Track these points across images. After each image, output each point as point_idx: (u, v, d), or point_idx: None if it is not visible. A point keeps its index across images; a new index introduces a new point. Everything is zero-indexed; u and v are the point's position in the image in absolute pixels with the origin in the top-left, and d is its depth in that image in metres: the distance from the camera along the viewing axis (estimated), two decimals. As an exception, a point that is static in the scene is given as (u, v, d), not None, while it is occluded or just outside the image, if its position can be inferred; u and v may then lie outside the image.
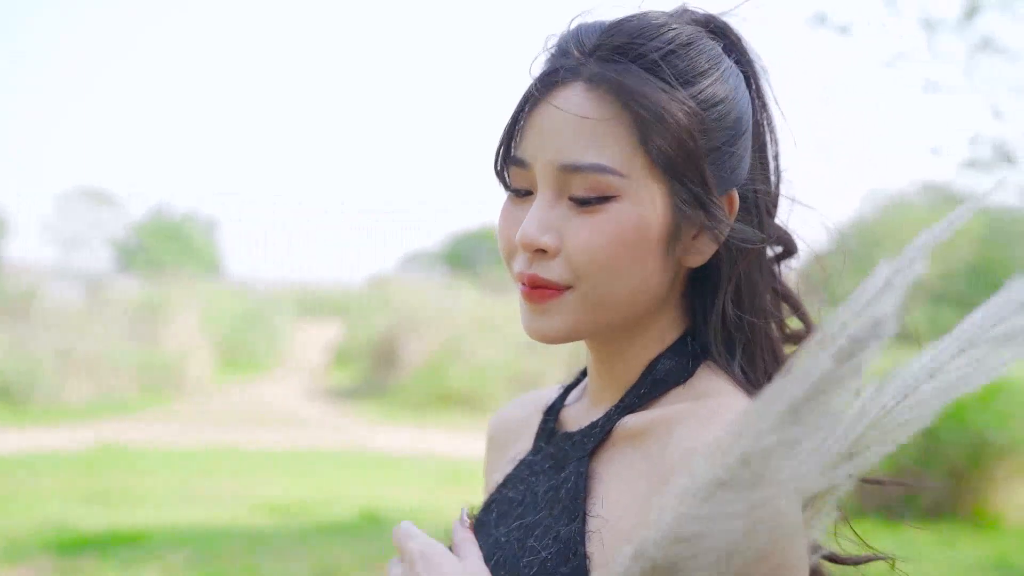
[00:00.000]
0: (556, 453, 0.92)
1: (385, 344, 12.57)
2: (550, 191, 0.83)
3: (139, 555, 5.07)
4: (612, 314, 0.85)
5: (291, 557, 5.08)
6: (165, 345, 12.42)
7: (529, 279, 0.84)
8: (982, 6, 4.59)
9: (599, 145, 0.81)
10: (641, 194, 0.82)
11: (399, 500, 6.54)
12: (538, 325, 0.86)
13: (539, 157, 0.84)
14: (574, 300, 0.84)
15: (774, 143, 0.91)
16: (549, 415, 0.97)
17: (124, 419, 10.07)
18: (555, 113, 0.82)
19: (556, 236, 0.83)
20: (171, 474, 7.32)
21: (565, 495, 0.86)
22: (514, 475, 0.96)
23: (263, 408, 11.17)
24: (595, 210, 0.82)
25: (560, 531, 0.84)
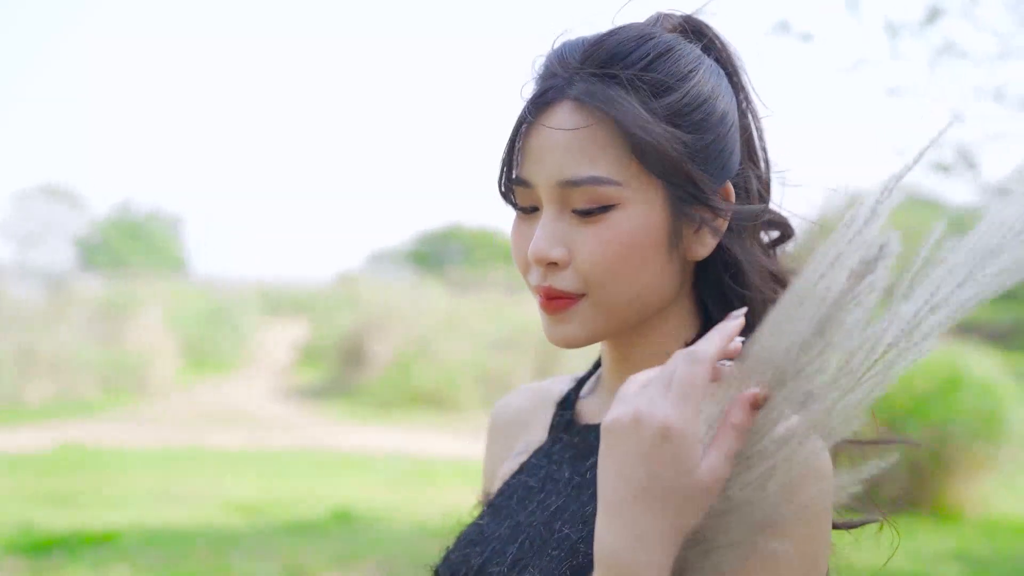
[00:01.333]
0: (579, 443, 0.96)
1: (352, 343, 12.53)
2: (554, 207, 0.88)
3: (109, 555, 5.03)
4: (626, 315, 0.90)
5: (261, 556, 5.07)
6: (129, 345, 12.28)
7: (545, 291, 0.89)
8: (943, 11, 4.69)
9: (592, 159, 0.85)
10: (639, 199, 0.86)
11: (369, 499, 6.53)
12: (558, 333, 0.91)
13: (539, 176, 0.88)
14: (588, 307, 0.89)
15: (760, 133, 0.96)
16: (564, 407, 1.01)
17: (87, 420, 9.95)
18: (548, 133, 0.87)
19: (565, 248, 0.88)
20: (137, 475, 7.25)
21: (591, 481, 0.91)
22: (531, 463, 1.00)
23: (229, 408, 11.09)
24: (597, 220, 0.86)
25: (590, 516, 0.88)
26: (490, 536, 0.96)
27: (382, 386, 11.51)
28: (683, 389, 0.70)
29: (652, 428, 0.69)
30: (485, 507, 1.01)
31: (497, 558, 0.92)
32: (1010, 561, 5.28)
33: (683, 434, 0.69)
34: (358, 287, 16.05)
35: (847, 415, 0.70)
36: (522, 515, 0.95)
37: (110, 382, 11.64)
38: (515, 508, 0.96)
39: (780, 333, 0.71)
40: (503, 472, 1.05)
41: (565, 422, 1.00)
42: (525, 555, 0.90)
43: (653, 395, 0.71)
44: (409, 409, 10.96)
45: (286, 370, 14.48)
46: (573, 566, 0.85)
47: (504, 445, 1.08)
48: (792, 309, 0.71)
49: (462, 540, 0.98)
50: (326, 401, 11.80)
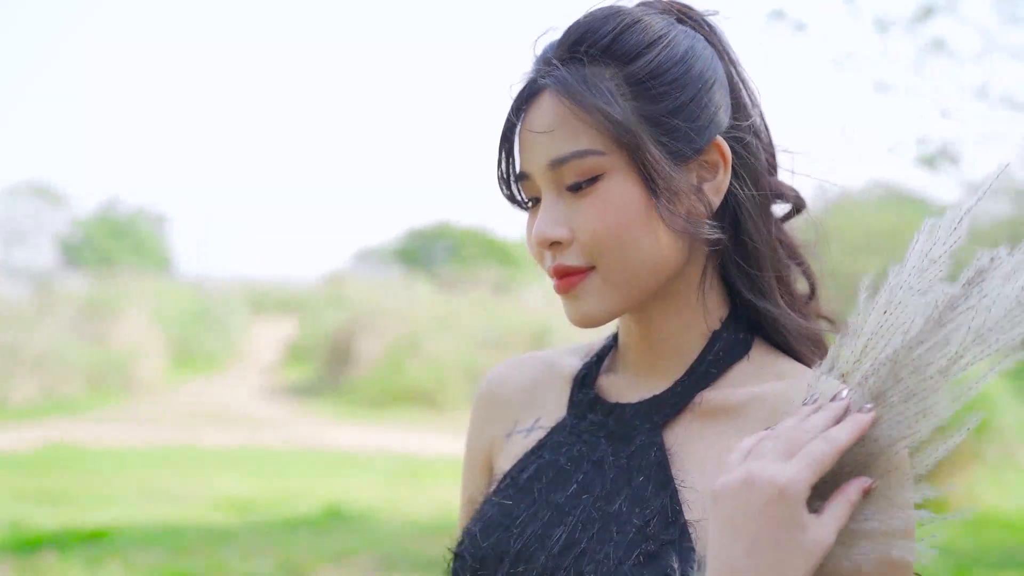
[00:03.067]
0: (614, 423, 0.95)
1: (340, 341, 12.51)
2: (550, 190, 0.91)
3: (100, 553, 5.02)
4: (640, 285, 0.91)
5: (256, 553, 5.07)
6: (115, 344, 12.21)
7: (555, 270, 0.91)
8: (935, 9, 4.74)
9: (574, 135, 0.89)
10: (624, 166, 0.89)
11: (359, 496, 6.54)
12: (577, 311, 0.92)
13: (533, 165, 0.92)
14: (600, 280, 0.90)
15: (752, 97, 0.97)
16: (584, 385, 1.00)
17: (72, 419, 9.89)
18: (534, 120, 0.91)
19: (566, 227, 0.90)
20: (125, 473, 7.22)
21: (647, 465, 0.90)
22: (554, 441, 0.97)
23: (217, 407, 11.05)
24: (588, 192, 0.89)
25: (649, 499, 0.88)
26: (523, 518, 0.93)
27: (371, 384, 11.50)
28: (809, 461, 0.73)
29: (768, 491, 0.72)
30: (502, 486, 0.98)
31: (540, 542, 0.90)
32: (995, 554, 5.33)
33: (798, 496, 0.72)
34: (346, 285, 16.02)
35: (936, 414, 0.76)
36: (560, 496, 0.93)
37: (96, 381, 11.58)
38: (548, 489, 0.94)
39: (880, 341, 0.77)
40: (513, 449, 1.01)
41: (589, 400, 0.98)
42: (578, 539, 0.89)
43: (769, 457, 0.74)
44: (398, 407, 10.95)
45: (274, 369, 14.45)
46: (647, 552, 0.85)
47: (505, 419, 1.04)
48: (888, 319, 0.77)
49: (487, 522, 0.95)
50: (315, 399, 11.78)
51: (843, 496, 0.75)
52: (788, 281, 0.96)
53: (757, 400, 0.90)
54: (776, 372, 0.92)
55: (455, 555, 0.97)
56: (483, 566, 0.93)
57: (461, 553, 0.96)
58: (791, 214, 0.99)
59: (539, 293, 14.35)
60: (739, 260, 0.93)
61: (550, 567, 0.89)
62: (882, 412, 0.76)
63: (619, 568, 0.85)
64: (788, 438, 0.75)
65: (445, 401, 10.96)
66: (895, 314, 0.77)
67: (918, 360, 0.76)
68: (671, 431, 0.92)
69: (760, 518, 0.72)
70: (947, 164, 5.24)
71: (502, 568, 0.92)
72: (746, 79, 0.97)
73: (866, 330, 0.78)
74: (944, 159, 5.04)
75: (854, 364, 0.78)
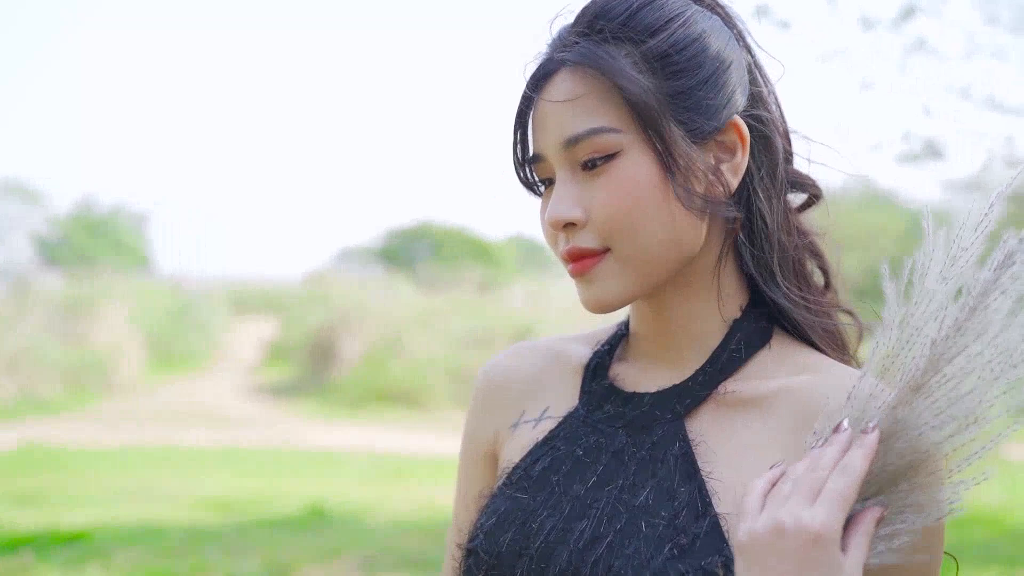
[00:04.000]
0: (632, 412, 0.92)
1: (322, 340, 12.46)
2: (564, 170, 0.89)
3: (80, 554, 4.96)
4: (657, 267, 0.89)
5: (239, 553, 5.03)
6: (93, 343, 12.10)
7: (569, 252, 0.89)
8: (917, 8, 4.77)
9: (590, 113, 0.87)
10: (642, 144, 0.87)
11: (342, 496, 6.50)
12: (592, 295, 0.90)
13: (548, 146, 0.90)
14: (615, 262, 0.88)
15: (768, 85, 0.96)
16: (598, 373, 0.97)
17: (49, 419, 9.80)
18: (549, 105, 0.89)
19: (581, 208, 0.88)
20: (104, 473, 7.16)
21: (671, 455, 0.88)
22: (567, 432, 0.94)
23: (198, 406, 10.98)
24: (603, 170, 0.87)
25: (677, 490, 0.86)
26: (541, 512, 0.90)
27: (353, 384, 11.47)
28: (836, 500, 0.73)
29: (803, 537, 0.72)
30: (514, 479, 0.94)
31: (562, 537, 0.87)
32: (973, 548, 5.37)
33: (834, 540, 0.72)
34: (328, 285, 15.96)
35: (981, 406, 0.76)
36: (580, 488, 0.90)
37: (74, 381, 11.47)
38: (566, 481, 0.91)
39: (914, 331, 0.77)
40: (521, 440, 0.97)
41: (604, 388, 0.95)
42: (604, 533, 0.86)
43: (793, 501, 0.73)
44: (380, 406, 10.92)
45: (255, 368, 14.37)
46: (679, 545, 0.83)
47: (510, 409, 1.01)
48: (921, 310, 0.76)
49: (501, 517, 0.91)
50: (296, 399, 11.72)
51: (861, 529, 0.75)
52: (804, 270, 0.95)
53: (787, 392, 0.88)
54: (801, 364, 0.91)
55: (468, 551, 0.93)
56: (500, 562, 0.89)
57: (475, 549, 0.92)
58: (808, 204, 0.97)
59: (521, 293, 14.36)
60: (753, 245, 0.91)
61: (574, 562, 0.85)
62: (925, 406, 0.75)
63: (651, 563, 0.82)
64: (807, 479, 0.74)
65: (427, 400, 10.94)
66: (927, 304, 0.76)
67: (957, 349, 0.75)
68: (693, 421, 0.90)
69: (799, 566, 0.72)
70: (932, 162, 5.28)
71: (521, 564, 0.88)
72: (761, 67, 0.96)
73: (899, 323, 0.77)
74: (929, 157, 5.07)
75: (890, 359, 0.78)
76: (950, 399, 0.75)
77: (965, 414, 0.75)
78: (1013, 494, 6.71)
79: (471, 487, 1.03)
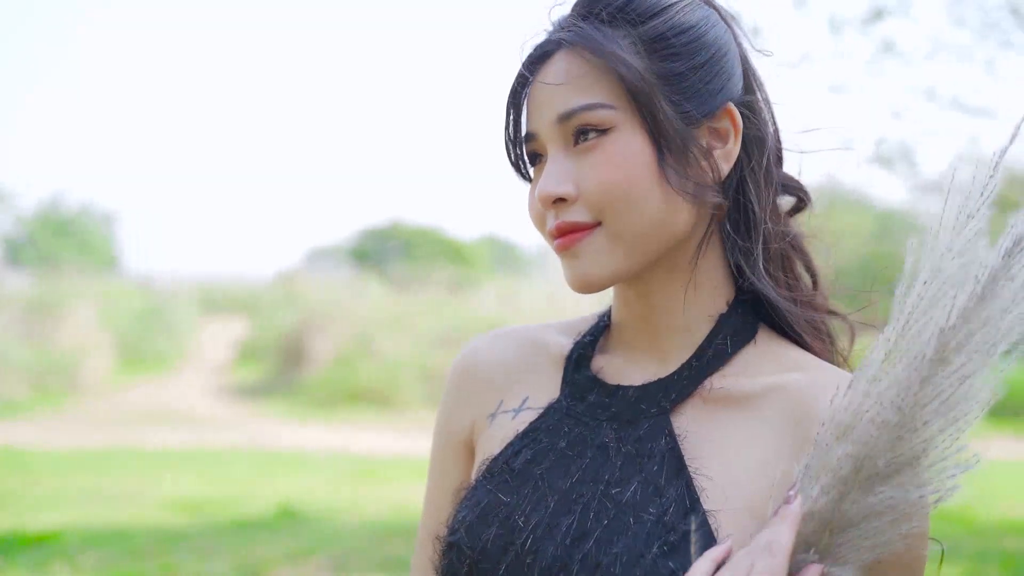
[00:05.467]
0: (617, 405, 0.91)
1: (293, 341, 12.38)
2: (556, 146, 0.89)
3: (47, 556, 4.89)
4: (646, 245, 0.88)
5: (210, 554, 4.98)
6: (59, 344, 11.94)
7: (558, 227, 0.88)
8: (886, 11, 4.82)
9: (585, 89, 0.88)
10: (635, 123, 0.87)
11: (312, 497, 6.46)
12: (577, 271, 0.88)
13: (541, 123, 0.90)
14: (605, 237, 0.87)
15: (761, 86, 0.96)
16: (580, 364, 0.95)
17: (15, 421, 9.66)
18: (546, 79, 0.89)
19: (572, 184, 0.88)
20: (71, 475, 7.06)
21: (657, 451, 0.87)
22: (549, 424, 0.93)
23: (166, 407, 10.86)
24: (596, 145, 0.87)
25: (664, 487, 0.85)
26: (525, 507, 0.88)
27: (323, 384, 11.40)
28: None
29: None
30: (495, 471, 0.91)
31: (548, 532, 0.85)
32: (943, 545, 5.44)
33: None
34: (298, 285, 15.85)
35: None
36: (565, 483, 0.88)
37: (40, 382, 11.31)
38: (549, 475, 0.89)
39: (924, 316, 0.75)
40: (500, 431, 0.95)
41: (587, 380, 0.94)
42: (590, 529, 0.84)
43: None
44: (351, 407, 10.87)
45: (225, 369, 14.25)
46: (669, 543, 0.82)
47: (487, 397, 0.98)
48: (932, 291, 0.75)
49: (484, 511, 0.89)
50: (266, 400, 11.64)
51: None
52: (792, 265, 0.94)
53: (776, 391, 0.87)
54: (789, 361, 0.90)
55: (449, 545, 0.91)
56: (484, 558, 0.87)
57: (457, 543, 0.90)
58: (797, 208, 0.97)
59: (493, 293, 14.35)
60: (739, 235, 0.91)
61: (562, 558, 0.84)
62: (930, 396, 0.75)
63: (641, 560, 0.81)
64: (741, 564, 0.75)
65: (398, 401, 10.90)
66: (936, 285, 0.75)
67: (964, 340, 0.74)
68: (679, 416, 0.89)
69: None
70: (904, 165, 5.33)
71: (506, 559, 0.86)
72: (754, 68, 0.96)
73: (908, 305, 0.76)
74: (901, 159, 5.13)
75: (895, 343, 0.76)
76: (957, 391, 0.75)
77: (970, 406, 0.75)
78: (979, 492, 6.81)
79: (445, 478, 1.01)
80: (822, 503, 0.77)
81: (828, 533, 0.77)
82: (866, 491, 0.76)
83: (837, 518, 0.77)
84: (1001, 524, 6.04)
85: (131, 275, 21.83)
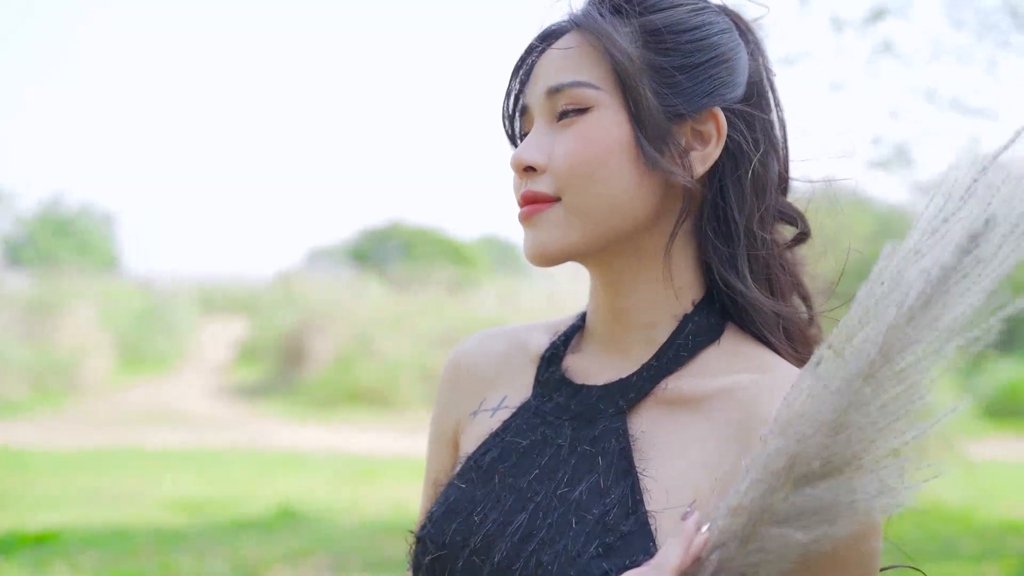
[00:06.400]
0: (578, 405, 0.92)
1: (292, 341, 12.38)
2: (542, 119, 0.92)
3: (47, 555, 4.90)
4: (602, 224, 0.89)
5: (208, 554, 4.99)
6: (59, 344, 11.94)
7: (523, 195, 0.91)
8: (888, 10, 4.82)
9: (577, 68, 0.91)
10: (616, 105, 0.89)
11: (312, 497, 6.47)
12: (534, 241, 0.91)
13: (534, 95, 0.93)
14: (562, 212, 0.90)
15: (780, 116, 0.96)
16: (552, 363, 0.97)
17: (14, 421, 9.66)
18: (545, 56, 0.93)
19: (544, 155, 0.91)
20: (70, 475, 7.06)
21: (609, 451, 0.88)
22: (518, 422, 0.95)
23: (166, 407, 10.87)
24: (573, 121, 0.90)
25: (611, 487, 0.86)
26: (485, 504, 0.90)
27: (323, 384, 11.41)
28: None
29: None
30: (465, 468, 0.95)
31: (501, 530, 0.88)
32: (937, 545, 5.44)
33: None
34: (298, 285, 15.85)
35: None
36: (523, 481, 0.90)
37: (40, 382, 11.31)
38: (510, 473, 0.91)
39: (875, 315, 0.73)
40: (478, 429, 0.98)
41: (556, 379, 0.95)
42: (537, 528, 0.86)
43: None
44: (350, 407, 10.87)
45: (225, 369, 14.25)
46: (606, 545, 0.83)
47: (471, 395, 1.01)
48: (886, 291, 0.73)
49: (449, 507, 0.92)
50: (266, 400, 11.64)
51: None
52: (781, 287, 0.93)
53: (725, 393, 0.87)
54: (748, 362, 0.90)
55: (417, 539, 0.94)
56: (445, 553, 0.90)
57: (423, 538, 0.93)
58: (797, 240, 0.96)
59: (492, 293, 14.35)
60: (720, 242, 0.91)
61: (510, 555, 0.86)
62: (869, 397, 0.73)
63: (577, 560, 0.82)
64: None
65: (397, 401, 10.90)
66: (892, 284, 0.73)
67: (910, 341, 0.72)
68: (635, 417, 0.90)
69: None
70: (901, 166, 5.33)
71: (463, 555, 0.89)
72: (769, 86, 0.96)
73: (861, 306, 0.75)
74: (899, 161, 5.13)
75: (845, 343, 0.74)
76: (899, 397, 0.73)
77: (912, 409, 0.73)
78: (978, 491, 6.81)
79: (430, 473, 1.04)
80: (750, 497, 0.76)
81: (754, 527, 0.76)
82: (797, 488, 0.75)
83: (765, 513, 0.75)
84: (1002, 524, 6.04)
85: (131, 275, 21.84)
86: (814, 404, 0.75)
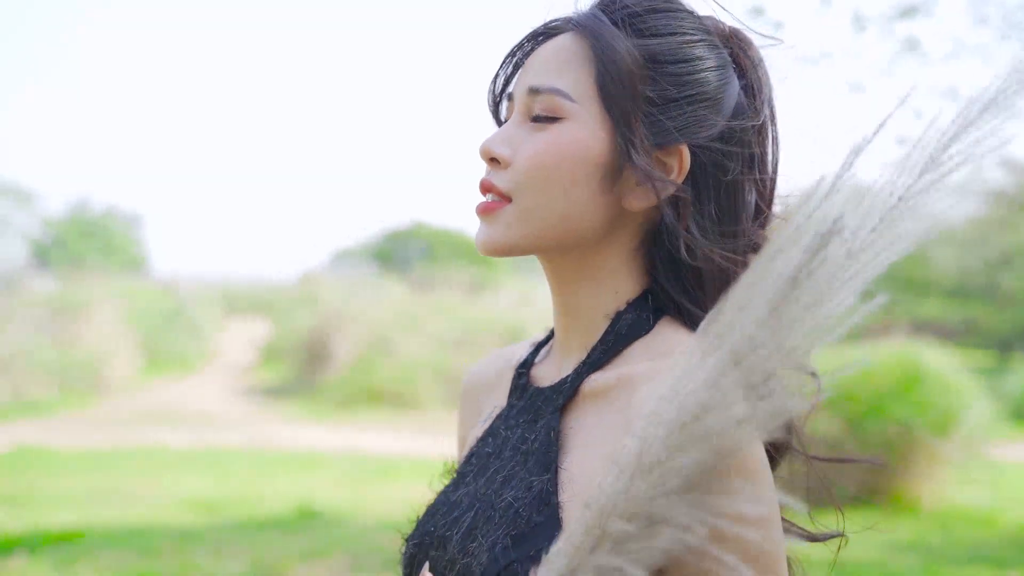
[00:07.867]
0: (529, 407, 0.97)
1: (313, 342, 12.45)
2: (520, 113, 0.94)
3: (71, 555, 4.95)
4: (547, 232, 0.91)
5: (228, 553, 5.02)
6: (85, 345, 12.07)
7: (481, 183, 0.94)
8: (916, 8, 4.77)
9: (561, 73, 0.92)
10: (588, 121, 0.91)
11: (331, 496, 6.50)
12: (483, 236, 0.94)
13: (519, 88, 0.95)
14: (512, 212, 0.92)
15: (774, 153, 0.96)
16: (522, 370, 1.02)
17: (42, 421, 9.77)
18: (539, 50, 0.95)
19: (511, 149, 0.93)
20: (95, 475, 7.14)
21: (538, 448, 0.92)
22: (491, 429, 1.01)
23: (189, 408, 10.96)
24: (544, 127, 0.91)
25: (534, 482, 0.89)
26: (454, 504, 0.97)
27: (343, 385, 11.46)
28: None
29: None
30: (453, 475, 1.03)
31: (455, 527, 0.93)
32: (961, 549, 5.39)
33: None
34: (320, 286, 15.93)
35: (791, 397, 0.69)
36: (480, 482, 0.96)
37: (66, 382, 11.43)
38: (475, 475, 0.98)
39: (741, 310, 0.72)
40: (471, 439, 1.06)
41: (521, 386, 1.01)
42: (477, 523, 0.91)
43: None
44: (370, 408, 10.91)
45: (247, 369, 14.35)
46: (514, 535, 0.86)
47: (473, 411, 1.09)
48: (752, 286, 0.71)
49: (429, 510, 1.00)
50: (287, 400, 11.71)
51: None
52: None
53: (625, 379, 0.90)
54: (657, 349, 0.91)
55: (403, 537, 1.02)
56: (419, 550, 0.97)
57: (408, 538, 1.00)
58: None
59: (510, 294, 14.35)
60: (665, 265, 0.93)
61: (458, 550, 0.91)
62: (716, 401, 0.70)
63: (491, 551, 0.86)
64: None
65: (418, 401, 10.93)
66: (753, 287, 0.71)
67: (759, 342, 0.69)
68: (567, 415, 0.94)
69: None
70: None
71: (432, 553, 0.95)
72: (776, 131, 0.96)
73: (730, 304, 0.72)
74: None
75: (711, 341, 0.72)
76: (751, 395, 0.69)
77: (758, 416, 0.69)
78: (1003, 495, 6.74)
79: None
80: (605, 493, 0.75)
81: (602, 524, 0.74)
82: (650, 491, 0.72)
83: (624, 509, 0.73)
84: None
85: (156, 276, 22.04)
86: (660, 402, 0.73)
